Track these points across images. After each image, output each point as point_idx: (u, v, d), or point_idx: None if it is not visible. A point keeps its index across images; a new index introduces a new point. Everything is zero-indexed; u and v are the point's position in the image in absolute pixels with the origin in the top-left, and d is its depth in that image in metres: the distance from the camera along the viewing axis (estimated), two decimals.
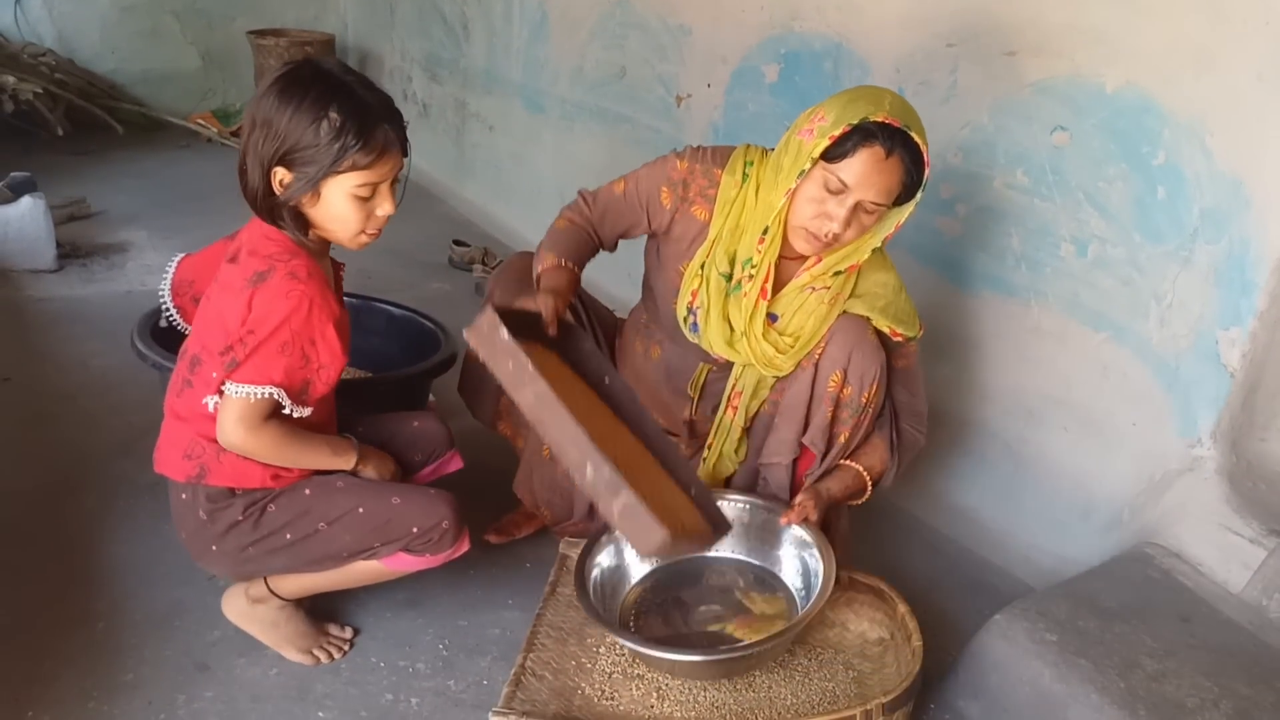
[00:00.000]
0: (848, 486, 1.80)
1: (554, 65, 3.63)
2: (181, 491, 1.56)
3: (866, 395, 1.74)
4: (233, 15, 5.13)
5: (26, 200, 3.07)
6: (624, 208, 1.84)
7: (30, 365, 2.57)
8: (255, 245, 1.50)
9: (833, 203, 1.61)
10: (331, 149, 1.42)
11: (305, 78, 1.45)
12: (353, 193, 1.47)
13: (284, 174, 1.45)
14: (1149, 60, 1.84)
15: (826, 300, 1.74)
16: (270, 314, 1.43)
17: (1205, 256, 1.80)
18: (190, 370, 1.53)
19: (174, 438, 1.56)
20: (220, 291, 1.51)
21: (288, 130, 1.42)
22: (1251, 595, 1.72)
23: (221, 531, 1.55)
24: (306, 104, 1.42)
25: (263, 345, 1.44)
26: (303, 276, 1.45)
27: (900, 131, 1.56)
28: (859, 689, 1.65)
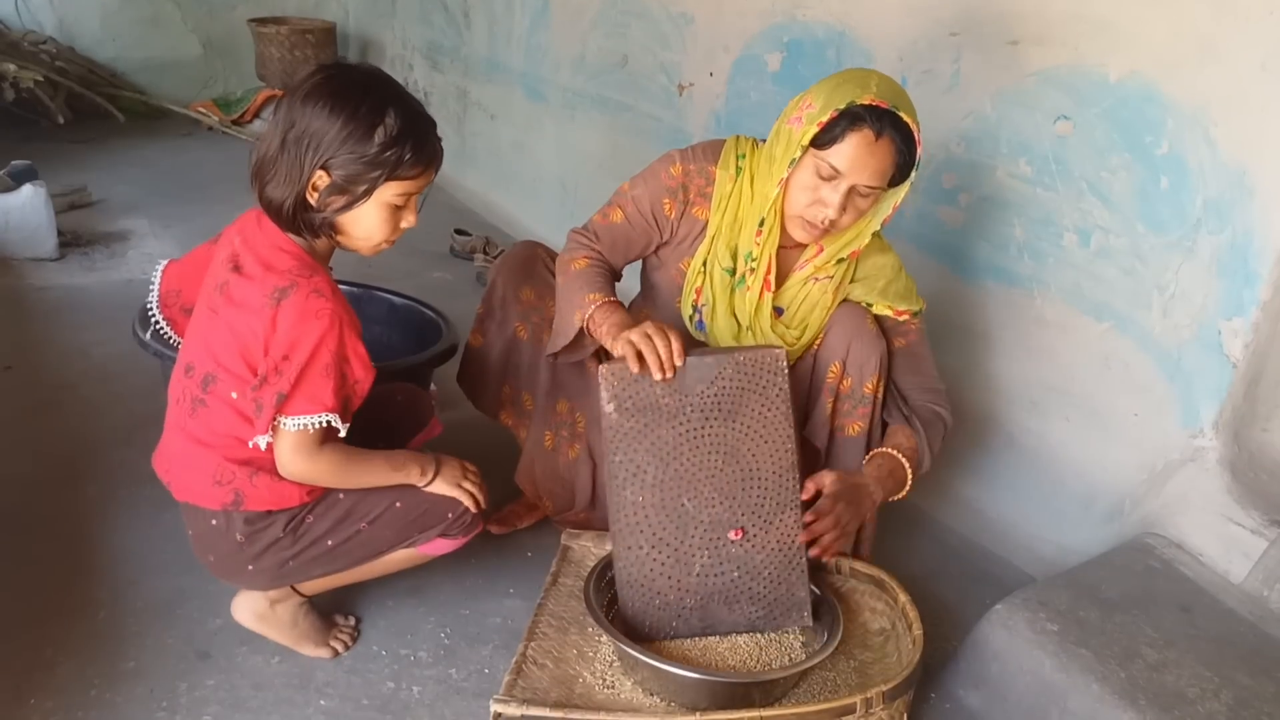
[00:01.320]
0: (890, 471, 1.74)
1: (555, 53, 3.62)
2: (211, 518, 1.51)
3: (869, 386, 1.73)
4: (233, 3, 5.12)
5: (27, 189, 3.07)
6: (632, 233, 1.81)
7: (31, 354, 2.57)
8: (269, 258, 1.45)
9: (826, 189, 1.60)
10: (384, 156, 1.39)
11: (356, 83, 1.41)
12: (390, 201, 1.44)
13: (324, 178, 1.40)
14: (1152, 49, 1.83)
15: (830, 289, 1.73)
16: (304, 337, 1.40)
17: (1208, 247, 1.80)
18: (203, 389, 1.48)
19: (197, 463, 1.50)
20: (232, 306, 1.45)
21: (339, 136, 1.38)
22: (1252, 585, 1.72)
23: (260, 551, 1.53)
24: (364, 111, 1.38)
25: (307, 372, 1.41)
26: (328, 294, 1.43)
27: (889, 112, 1.55)
28: (860, 678, 1.66)
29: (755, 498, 1.65)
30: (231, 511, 1.49)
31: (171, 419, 1.56)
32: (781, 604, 1.67)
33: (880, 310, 1.76)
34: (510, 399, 1.99)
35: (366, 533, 1.56)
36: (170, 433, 1.56)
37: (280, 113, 1.43)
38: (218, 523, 1.51)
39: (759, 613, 1.67)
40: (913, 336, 1.83)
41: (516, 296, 1.94)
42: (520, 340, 1.94)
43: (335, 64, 1.47)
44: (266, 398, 1.41)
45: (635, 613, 1.64)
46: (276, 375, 1.40)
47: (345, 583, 1.67)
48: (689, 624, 1.66)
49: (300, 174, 1.40)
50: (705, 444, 1.64)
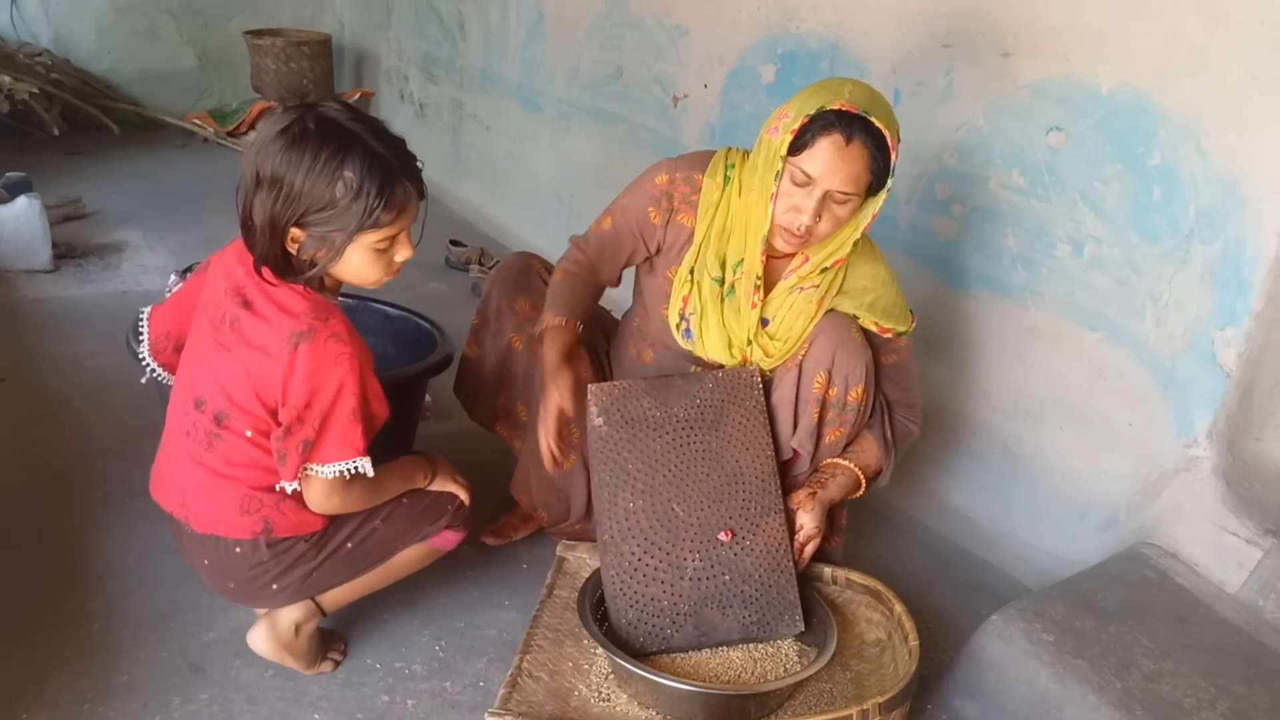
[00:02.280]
0: (844, 488, 1.79)
1: (550, 65, 3.63)
2: (235, 546, 1.51)
3: (854, 395, 1.73)
4: (229, 15, 5.13)
5: (22, 200, 3.07)
6: (618, 239, 1.84)
7: (25, 365, 2.57)
8: (281, 299, 1.43)
9: (800, 195, 1.60)
10: (352, 210, 1.36)
11: (313, 131, 1.36)
12: (373, 248, 1.42)
13: (299, 235, 1.39)
14: (1144, 61, 1.84)
15: (815, 299, 1.73)
16: (326, 384, 1.40)
17: (1201, 257, 1.80)
18: (217, 425, 1.47)
19: (220, 495, 1.49)
20: (246, 347, 1.43)
21: (302, 190, 1.35)
22: (1247, 595, 1.72)
23: (285, 569, 1.53)
24: (320, 162, 1.34)
25: (333, 418, 1.41)
26: (345, 337, 1.42)
27: (859, 117, 1.55)
28: (856, 689, 1.65)
29: (741, 501, 1.71)
30: (258, 539, 1.50)
31: (181, 451, 1.52)
32: (773, 608, 1.68)
33: (867, 324, 1.75)
34: (505, 410, 1.99)
35: (381, 530, 1.58)
36: (180, 466, 1.52)
37: (247, 168, 1.39)
38: (242, 550, 1.51)
39: (752, 618, 1.67)
40: (903, 354, 1.83)
41: (511, 308, 1.94)
42: (515, 351, 1.94)
43: (297, 108, 1.40)
44: (291, 446, 1.42)
45: (629, 623, 1.64)
46: (299, 424, 1.41)
47: (366, 591, 1.66)
48: (684, 632, 1.66)
49: (274, 233, 1.38)
50: (691, 452, 1.72)
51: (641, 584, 1.66)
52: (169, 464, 1.56)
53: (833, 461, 1.80)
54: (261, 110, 4.87)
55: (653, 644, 1.65)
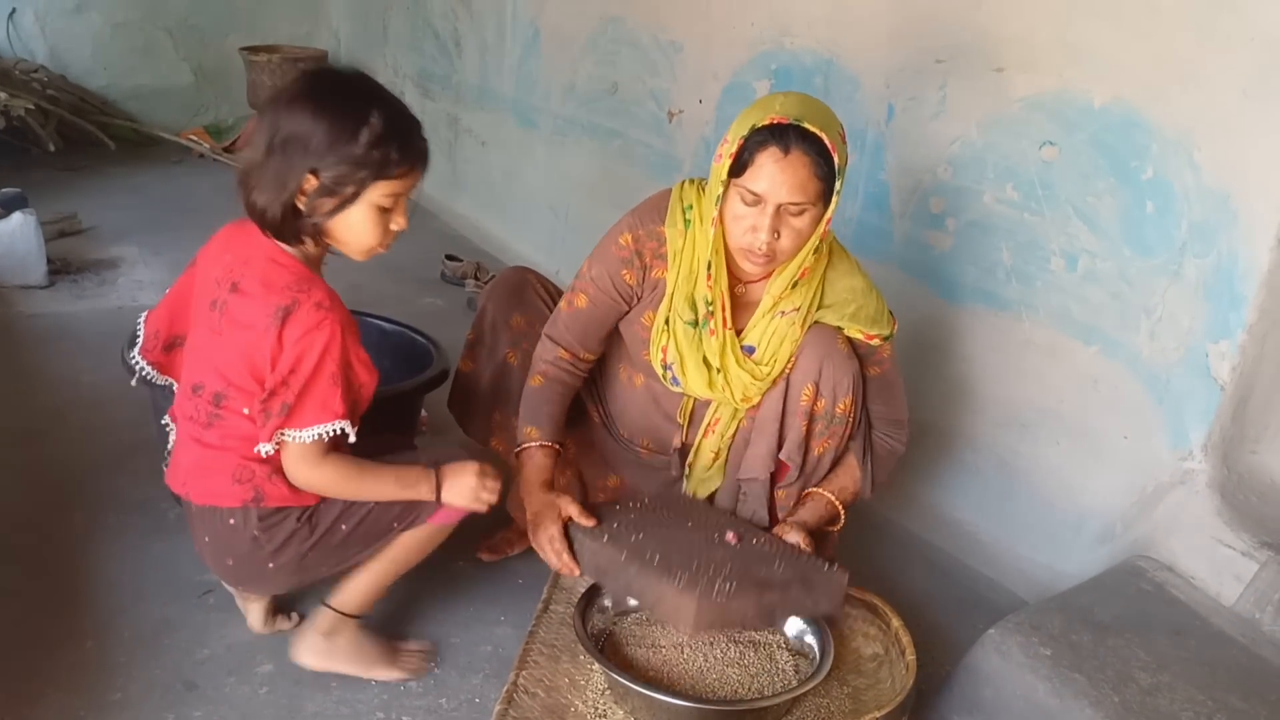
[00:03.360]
0: (820, 515, 1.79)
1: (546, 81, 3.64)
2: (229, 517, 1.52)
3: (842, 406, 1.73)
4: (225, 31, 5.14)
5: (17, 216, 3.07)
6: (599, 314, 1.81)
7: (20, 381, 2.56)
8: (266, 274, 1.46)
9: (754, 215, 1.59)
10: (371, 155, 1.39)
11: (339, 85, 1.42)
12: (378, 203, 1.44)
13: (311, 181, 1.40)
14: (1136, 76, 1.85)
15: (798, 321, 1.72)
16: (309, 350, 1.42)
17: (1194, 270, 1.81)
18: (215, 405, 1.49)
19: (215, 466, 1.51)
20: (236, 327, 1.47)
21: (325, 134, 1.38)
22: (1244, 608, 1.72)
23: (278, 546, 1.53)
24: (348, 111, 1.39)
25: (313, 383, 1.43)
26: (328, 305, 1.44)
27: (793, 126, 1.54)
28: (853, 704, 1.65)
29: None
30: (250, 508, 1.50)
31: (184, 435, 1.57)
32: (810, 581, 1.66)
33: (852, 334, 1.75)
34: (501, 425, 1.98)
35: (376, 511, 1.57)
36: (183, 448, 1.57)
37: (265, 120, 1.43)
38: (235, 521, 1.52)
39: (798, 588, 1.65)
40: (886, 365, 1.81)
41: (506, 323, 1.94)
42: (510, 366, 1.94)
43: (318, 68, 1.48)
44: (273, 408, 1.43)
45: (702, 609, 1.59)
46: (284, 387, 1.43)
47: (383, 584, 1.65)
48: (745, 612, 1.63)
49: (289, 178, 1.40)
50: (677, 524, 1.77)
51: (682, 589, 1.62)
52: (178, 446, 1.59)
53: (808, 492, 1.80)
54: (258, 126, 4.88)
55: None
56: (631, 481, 1.97)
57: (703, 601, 1.53)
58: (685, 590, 1.54)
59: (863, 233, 2.41)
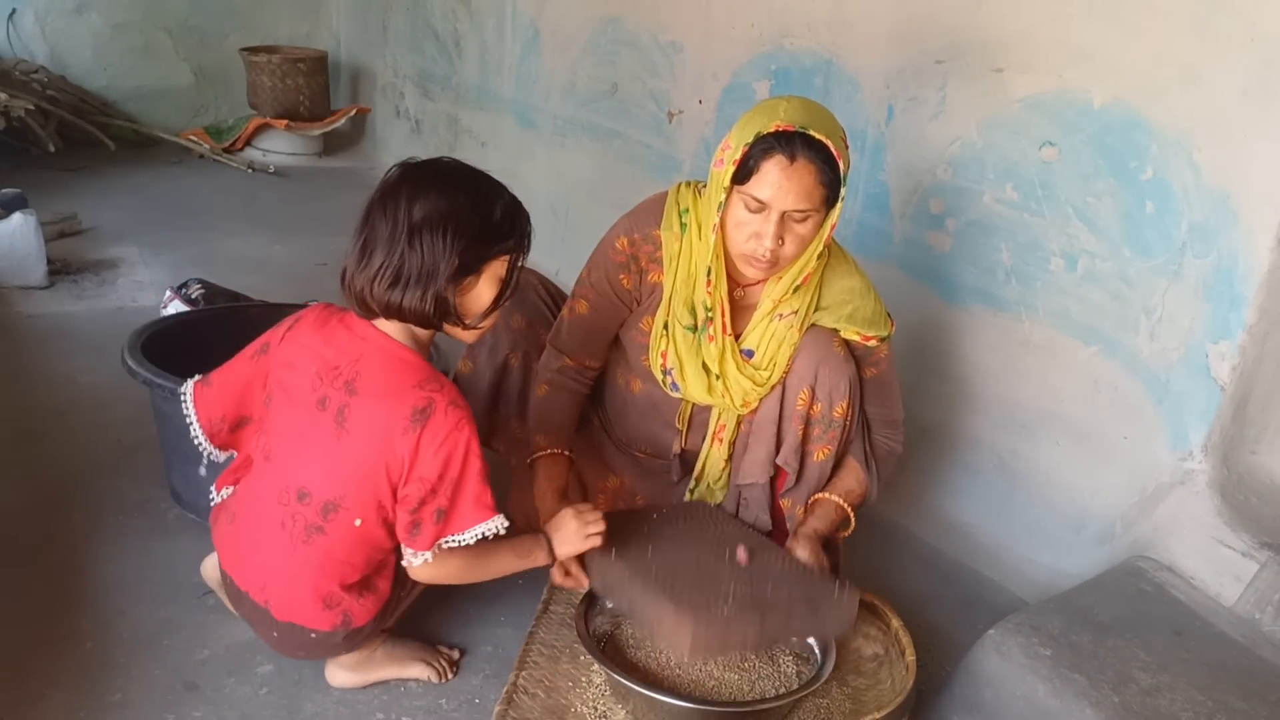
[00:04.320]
0: (832, 520, 1.78)
1: (546, 81, 3.65)
2: (312, 633, 1.51)
3: (839, 410, 1.73)
4: (225, 32, 5.14)
5: (17, 217, 3.07)
6: (601, 320, 1.81)
7: (20, 382, 2.56)
8: (391, 374, 1.42)
9: (758, 222, 1.58)
10: (506, 229, 1.43)
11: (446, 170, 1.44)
12: (499, 274, 1.45)
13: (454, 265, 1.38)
14: (1136, 76, 1.85)
15: (796, 324, 1.72)
16: (455, 452, 1.40)
17: (1194, 270, 1.81)
18: (323, 517, 1.44)
19: (303, 585, 1.48)
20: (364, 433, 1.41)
21: (460, 219, 1.38)
22: (1244, 608, 1.72)
23: (355, 644, 1.58)
24: (471, 190, 1.42)
25: (463, 483, 1.41)
26: (461, 403, 1.42)
27: (798, 134, 1.54)
28: (853, 705, 1.65)
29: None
30: (338, 630, 1.52)
31: (271, 541, 1.49)
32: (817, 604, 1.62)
33: (848, 335, 1.74)
34: (501, 426, 1.98)
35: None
36: (269, 555, 1.49)
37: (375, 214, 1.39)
38: (318, 636, 1.52)
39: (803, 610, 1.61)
40: (883, 366, 1.81)
41: (507, 324, 1.93)
42: (511, 367, 1.94)
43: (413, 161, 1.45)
44: (426, 517, 1.42)
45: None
46: (433, 495, 1.41)
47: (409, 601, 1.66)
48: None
49: (439, 262, 1.37)
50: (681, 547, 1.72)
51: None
52: (252, 548, 1.52)
53: (813, 498, 1.80)
54: (257, 126, 4.88)
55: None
56: (631, 483, 1.97)
57: (699, 627, 1.49)
58: (682, 614, 1.50)
59: (863, 233, 2.41)
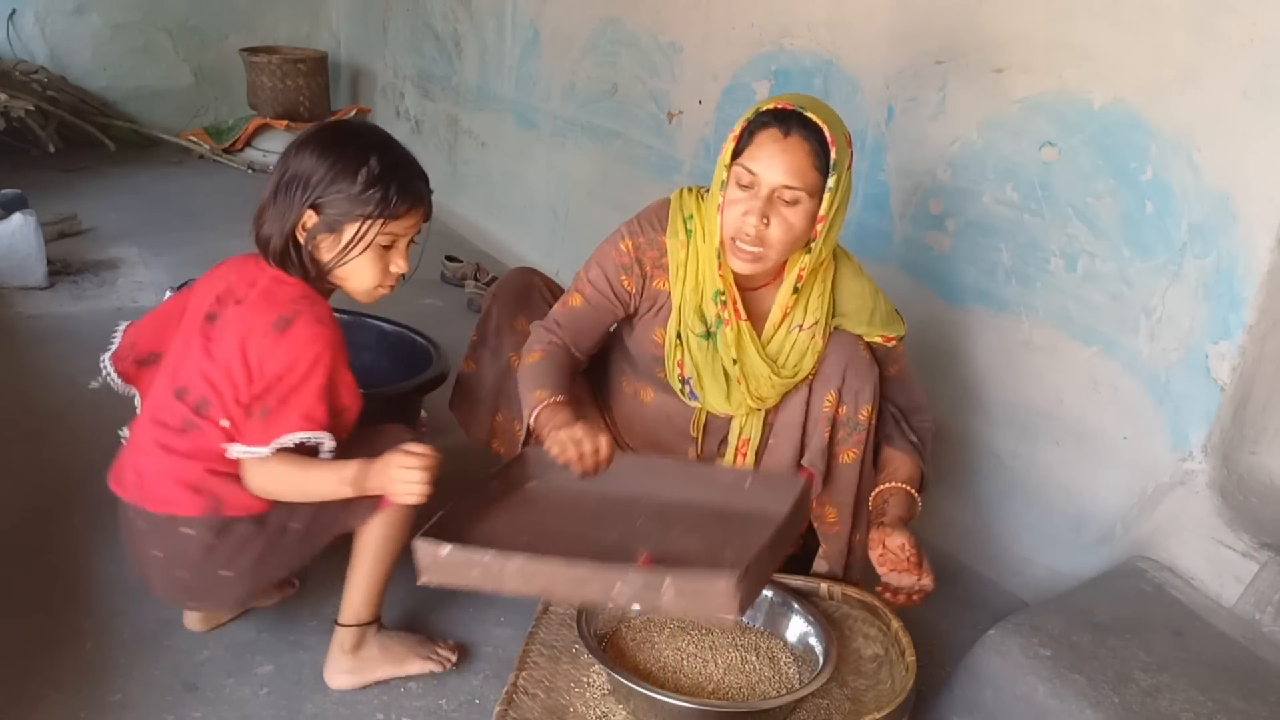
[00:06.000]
0: (906, 506, 1.79)
1: (546, 82, 3.65)
2: (185, 526, 1.51)
3: (864, 414, 1.74)
4: (225, 33, 5.14)
5: (17, 217, 3.07)
6: (594, 314, 1.80)
7: (19, 382, 2.56)
8: (272, 290, 1.51)
9: (748, 198, 1.60)
10: (367, 194, 1.47)
11: (346, 131, 1.53)
12: (377, 241, 1.50)
13: (312, 217, 1.49)
14: (1136, 77, 1.85)
15: (818, 334, 1.73)
16: (301, 360, 1.45)
17: (1194, 271, 1.81)
18: (196, 412, 1.50)
19: (176, 474, 1.50)
20: (233, 335, 1.48)
21: (325, 178, 1.47)
22: (1244, 609, 1.72)
23: (232, 551, 1.53)
24: (348, 154, 1.48)
25: (298, 391, 1.45)
26: (327, 321, 1.49)
27: (795, 112, 1.56)
28: (853, 705, 1.65)
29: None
30: (208, 517, 1.50)
31: (148, 441, 1.53)
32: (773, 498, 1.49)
33: (872, 339, 1.77)
34: (502, 427, 1.98)
35: (330, 507, 1.54)
36: (143, 455, 1.54)
37: (278, 164, 1.53)
38: (191, 531, 1.51)
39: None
40: (902, 362, 1.84)
41: (511, 326, 1.93)
42: (513, 369, 1.94)
43: (332, 120, 1.57)
44: (255, 410, 1.46)
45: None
46: (268, 393, 1.45)
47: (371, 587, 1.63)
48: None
49: (290, 212, 1.49)
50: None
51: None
52: (134, 453, 1.57)
53: (879, 490, 1.80)
54: (257, 127, 4.88)
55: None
56: None
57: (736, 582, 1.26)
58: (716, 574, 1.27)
59: (863, 234, 2.41)
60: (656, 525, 1.54)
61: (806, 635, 1.71)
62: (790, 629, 1.74)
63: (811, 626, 1.71)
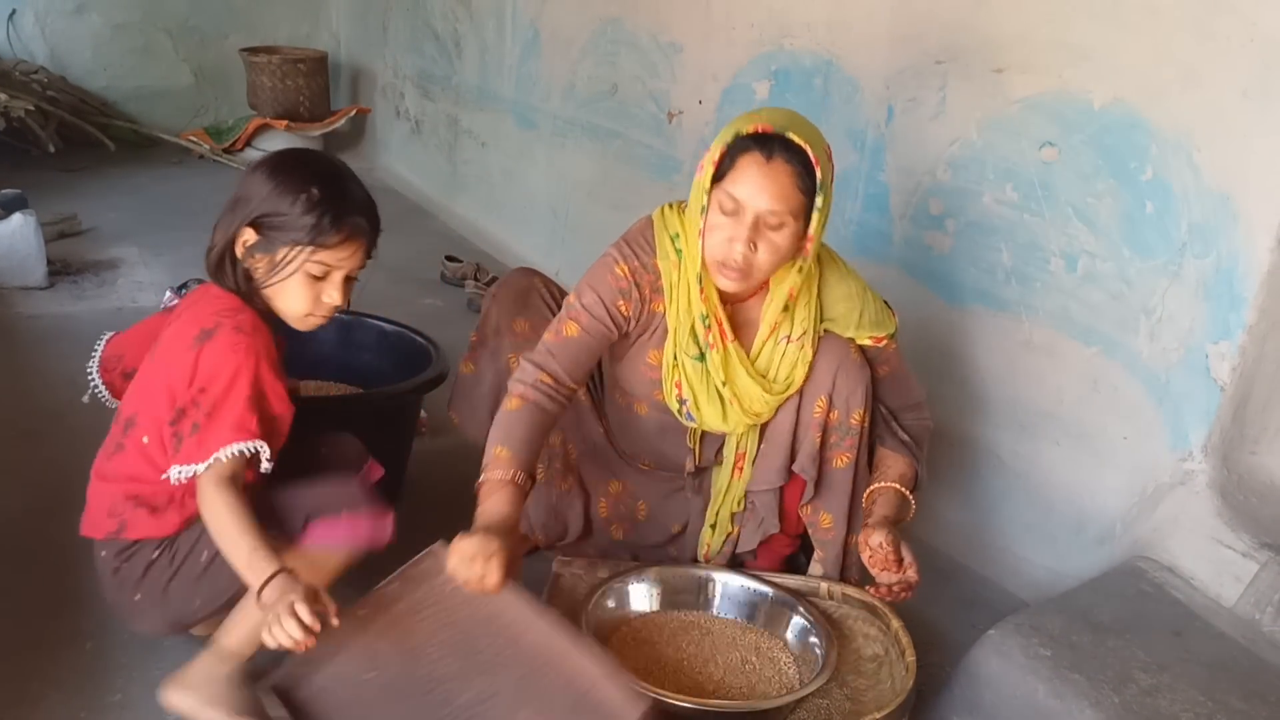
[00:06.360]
0: (896, 506, 1.78)
1: (546, 82, 3.65)
2: (100, 549, 1.54)
3: (855, 418, 1.73)
4: (225, 33, 5.14)
5: (17, 217, 3.07)
6: (591, 343, 1.74)
7: (19, 382, 2.56)
8: (199, 305, 1.53)
9: (731, 225, 1.56)
10: (302, 220, 1.46)
11: (295, 160, 1.54)
12: (307, 269, 1.49)
13: (250, 235, 1.49)
14: (1136, 77, 1.85)
15: (807, 344, 1.72)
16: (222, 370, 1.43)
17: (1194, 271, 1.81)
18: (123, 434, 1.52)
19: (99, 499, 1.54)
20: (163, 353, 1.52)
21: (266, 199, 1.48)
22: (1244, 609, 1.72)
23: (139, 575, 1.51)
24: (292, 180, 1.48)
25: (227, 402, 1.43)
26: (248, 330, 1.47)
27: (777, 136, 1.53)
28: (854, 705, 1.65)
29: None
30: (113, 541, 1.51)
31: (94, 465, 1.58)
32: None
33: (862, 341, 1.75)
34: None
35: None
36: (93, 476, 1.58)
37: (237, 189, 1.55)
38: (104, 554, 1.53)
39: None
40: (894, 361, 1.81)
41: (510, 327, 1.92)
42: (513, 371, 1.93)
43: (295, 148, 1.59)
44: (183, 428, 1.43)
45: None
46: (194, 407, 1.43)
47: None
48: None
49: (231, 227, 1.51)
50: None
51: None
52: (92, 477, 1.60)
53: (869, 491, 1.80)
54: (258, 127, 4.88)
55: None
56: (634, 488, 1.97)
57: None
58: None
59: (863, 234, 2.41)
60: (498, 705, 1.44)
61: (806, 635, 1.71)
62: (790, 629, 1.74)
63: (811, 626, 1.71)
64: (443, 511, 1.67)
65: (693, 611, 1.80)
